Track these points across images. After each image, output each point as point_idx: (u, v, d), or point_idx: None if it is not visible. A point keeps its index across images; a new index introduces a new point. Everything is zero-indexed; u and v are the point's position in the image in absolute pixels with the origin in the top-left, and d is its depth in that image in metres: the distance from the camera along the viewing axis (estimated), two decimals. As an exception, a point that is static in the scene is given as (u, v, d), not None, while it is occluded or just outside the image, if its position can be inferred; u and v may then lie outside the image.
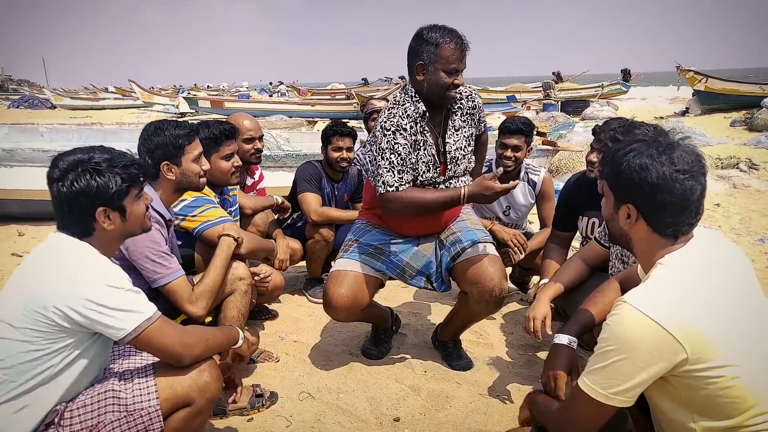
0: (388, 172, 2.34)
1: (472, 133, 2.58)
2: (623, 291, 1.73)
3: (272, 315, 3.38)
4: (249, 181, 3.44)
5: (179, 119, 2.25)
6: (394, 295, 3.78)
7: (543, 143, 7.25)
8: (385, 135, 2.34)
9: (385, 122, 2.36)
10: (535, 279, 3.80)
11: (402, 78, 24.37)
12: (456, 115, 2.51)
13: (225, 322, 2.34)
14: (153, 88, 36.05)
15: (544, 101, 17.21)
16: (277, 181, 5.57)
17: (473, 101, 2.55)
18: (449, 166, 2.50)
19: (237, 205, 3.01)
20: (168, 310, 2.11)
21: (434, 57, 2.27)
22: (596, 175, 2.59)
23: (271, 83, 44.99)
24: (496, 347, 3.00)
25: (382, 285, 2.76)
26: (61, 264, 1.50)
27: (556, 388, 1.73)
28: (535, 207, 3.54)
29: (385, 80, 30.42)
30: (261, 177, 3.57)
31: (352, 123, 6.79)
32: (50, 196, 1.57)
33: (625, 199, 1.44)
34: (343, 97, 23.66)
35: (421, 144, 2.40)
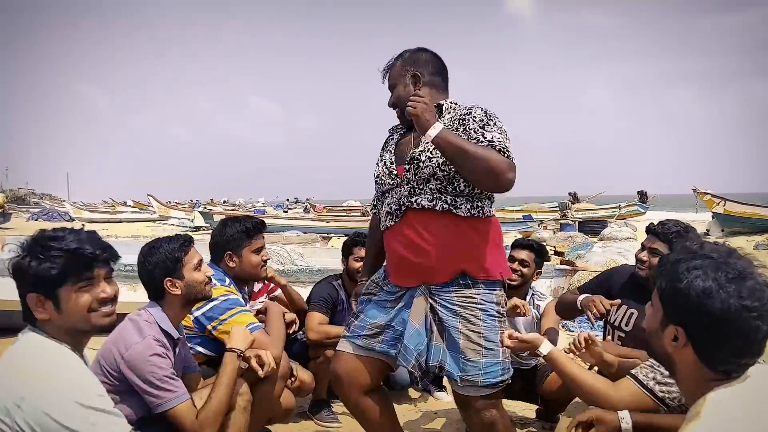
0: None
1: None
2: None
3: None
4: (256, 288, 3.29)
5: (177, 233, 2.36)
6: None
7: (561, 263, 7.15)
8: None
9: None
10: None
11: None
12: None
13: None
14: (170, 202, 36.89)
15: (561, 221, 17.19)
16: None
17: (470, 110, 2.15)
18: (407, 166, 2.18)
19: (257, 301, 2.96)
20: None
21: None
22: (646, 274, 2.56)
23: (287, 200, 46.05)
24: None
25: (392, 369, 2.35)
26: (28, 371, 1.40)
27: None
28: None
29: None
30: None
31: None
32: None
33: (675, 320, 1.28)
34: (359, 213, 23.85)
35: (385, 149, 2.37)
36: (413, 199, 2.15)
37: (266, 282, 3.33)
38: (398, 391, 3.73)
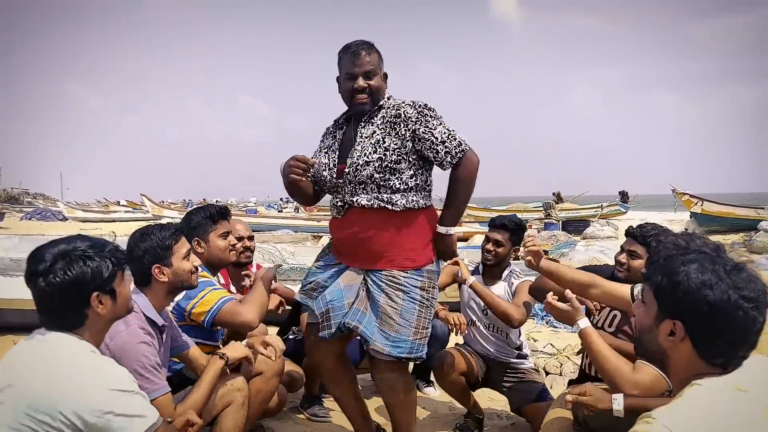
0: None
1: (391, 143, 2.36)
2: None
3: (269, 434, 3.17)
4: (247, 282, 3.26)
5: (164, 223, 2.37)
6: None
7: (545, 261, 7.27)
8: None
9: None
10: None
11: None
12: (371, 124, 2.43)
13: None
14: (163, 202, 36.83)
15: (546, 220, 17.40)
16: (282, 294, 5.51)
17: (399, 110, 2.40)
18: (347, 170, 2.40)
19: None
20: None
21: (339, 69, 2.50)
22: (625, 276, 2.55)
23: (281, 199, 46.04)
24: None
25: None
26: (63, 367, 1.46)
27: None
28: None
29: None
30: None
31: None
32: (34, 292, 1.54)
33: (672, 315, 1.27)
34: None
35: (329, 146, 2.55)
36: (354, 199, 2.39)
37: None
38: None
